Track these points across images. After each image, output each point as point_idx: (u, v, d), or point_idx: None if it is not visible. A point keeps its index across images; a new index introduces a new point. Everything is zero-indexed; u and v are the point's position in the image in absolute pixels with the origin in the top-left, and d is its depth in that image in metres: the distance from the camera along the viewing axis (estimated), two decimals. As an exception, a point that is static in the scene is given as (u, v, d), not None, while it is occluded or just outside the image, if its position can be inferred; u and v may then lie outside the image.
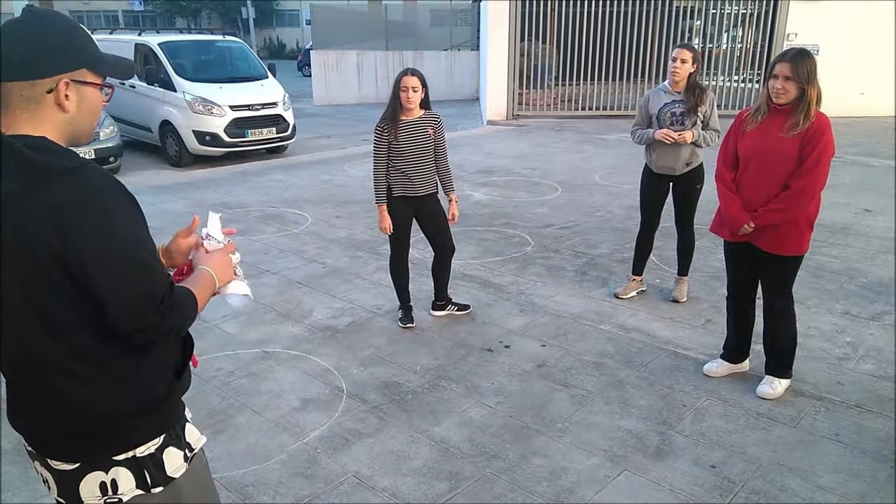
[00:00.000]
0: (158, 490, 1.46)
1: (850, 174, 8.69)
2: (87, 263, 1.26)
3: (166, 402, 1.49)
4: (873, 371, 3.82)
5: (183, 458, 1.51)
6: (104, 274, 1.28)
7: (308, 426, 3.33)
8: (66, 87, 1.33)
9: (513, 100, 14.34)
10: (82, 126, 1.40)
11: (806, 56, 3.18)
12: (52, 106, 1.33)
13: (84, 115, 1.39)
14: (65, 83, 1.33)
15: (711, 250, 5.73)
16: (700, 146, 4.44)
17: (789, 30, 13.55)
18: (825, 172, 3.22)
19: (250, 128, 10.17)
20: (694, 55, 4.33)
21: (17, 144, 1.28)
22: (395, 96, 4.09)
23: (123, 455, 1.42)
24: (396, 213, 4.24)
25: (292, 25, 47.58)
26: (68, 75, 1.33)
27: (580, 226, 6.70)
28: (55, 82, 1.32)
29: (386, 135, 4.12)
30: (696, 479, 2.93)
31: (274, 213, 7.26)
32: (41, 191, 1.25)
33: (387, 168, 4.18)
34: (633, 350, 4.10)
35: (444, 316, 4.59)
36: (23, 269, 1.28)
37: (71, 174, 1.28)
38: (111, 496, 1.43)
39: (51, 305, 1.31)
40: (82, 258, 1.26)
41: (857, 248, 5.92)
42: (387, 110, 4.14)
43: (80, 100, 1.36)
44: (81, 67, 1.36)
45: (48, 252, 1.26)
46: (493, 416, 3.42)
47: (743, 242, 3.48)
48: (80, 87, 1.36)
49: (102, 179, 1.32)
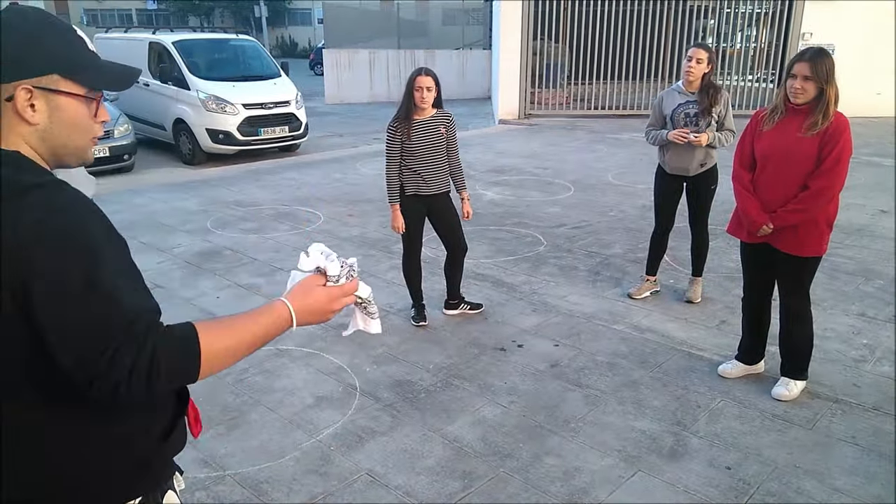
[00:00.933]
0: None
1: (865, 175, 8.60)
2: (35, 293, 1.04)
3: (147, 466, 1.28)
4: (890, 373, 3.78)
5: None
6: (51, 304, 1.05)
7: (322, 424, 3.34)
8: (28, 95, 1.14)
9: (525, 99, 14.31)
10: (61, 142, 1.20)
11: (825, 55, 3.15)
12: (14, 116, 1.15)
13: (60, 128, 1.19)
14: (25, 90, 1.14)
15: (726, 251, 5.69)
16: (715, 147, 4.41)
17: (804, 29, 13.44)
18: (844, 172, 3.19)
19: (263, 126, 10.21)
20: (709, 55, 4.30)
21: None
22: (408, 95, 4.09)
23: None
24: (409, 212, 4.24)
25: (304, 24, 47.71)
26: (30, 82, 1.14)
27: (593, 225, 6.68)
28: (14, 89, 1.14)
29: (399, 133, 4.13)
30: (711, 480, 2.91)
31: (287, 211, 7.28)
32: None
33: (399, 167, 4.19)
34: (647, 350, 4.09)
35: (457, 315, 4.59)
36: None
37: (29, 192, 1.09)
38: None
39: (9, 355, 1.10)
40: (30, 288, 1.04)
41: (874, 249, 5.86)
42: (400, 109, 4.15)
43: (50, 111, 1.17)
44: (50, 73, 1.16)
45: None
46: (506, 416, 3.41)
47: (760, 243, 3.45)
48: (49, 95, 1.17)
49: (66, 197, 1.12)
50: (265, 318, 1.24)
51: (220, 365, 1.18)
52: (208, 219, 6.92)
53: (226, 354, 1.18)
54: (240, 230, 6.56)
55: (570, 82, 15.10)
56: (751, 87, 14.38)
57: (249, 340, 1.22)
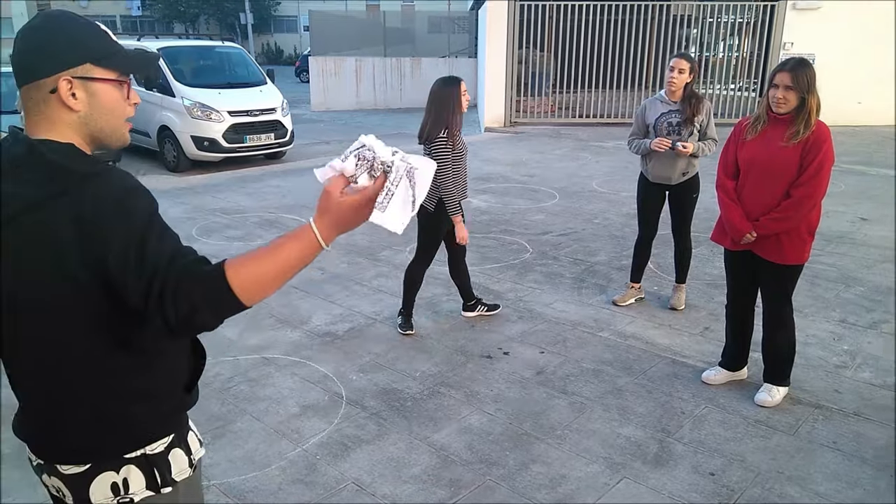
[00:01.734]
0: (167, 490, 1.45)
1: (847, 183, 8.73)
2: (110, 260, 1.23)
3: (177, 409, 1.50)
4: (871, 379, 3.83)
5: (188, 464, 1.51)
6: (120, 263, 1.23)
7: (307, 432, 3.33)
8: (68, 85, 1.30)
9: (510, 107, 14.38)
10: (100, 126, 1.36)
11: (806, 66, 3.20)
12: (60, 106, 1.31)
13: (99, 113, 1.35)
14: (66, 81, 1.29)
15: (709, 258, 5.75)
16: (697, 156, 4.46)
17: (785, 39, 13.63)
18: (826, 181, 3.24)
19: (249, 133, 10.17)
20: (691, 65, 4.35)
21: (42, 149, 1.28)
22: (457, 104, 4.01)
23: (134, 453, 1.41)
24: (445, 223, 4.19)
25: (290, 31, 47.69)
26: (69, 72, 1.29)
27: (578, 233, 6.71)
28: (56, 81, 1.29)
29: (452, 145, 4.03)
30: (696, 486, 2.93)
31: (272, 218, 7.26)
32: (63, 197, 1.24)
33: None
34: (632, 357, 4.11)
35: (475, 316, 4.64)
36: (43, 277, 1.27)
37: (92, 179, 1.27)
38: (123, 496, 1.42)
39: (70, 312, 1.30)
40: (105, 256, 1.23)
41: (855, 256, 5.94)
42: (451, 118, 4.01)
43: (89, 97, 1.32)
44: (83, 63, 1.31)
45: (70, 258, 1.24)
46: (492, 423, 3.42)
47: (743, 251, 3.49)
48: (86, 83, 1.32)
49: (124, 181, 1.31)
50: (296, 242, 1.29)
51: (259, 289, 1.27)
52: (193, 226, 6.88)
53: (261, 278, 1.26)
54: (225, 238, 6.53)
55: (556, 91, 15.20)
56: (733, 96, 14.56)
57: (282, 264, 1.28)
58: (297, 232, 1.30)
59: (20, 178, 1.26)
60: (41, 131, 1.31)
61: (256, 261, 1.26)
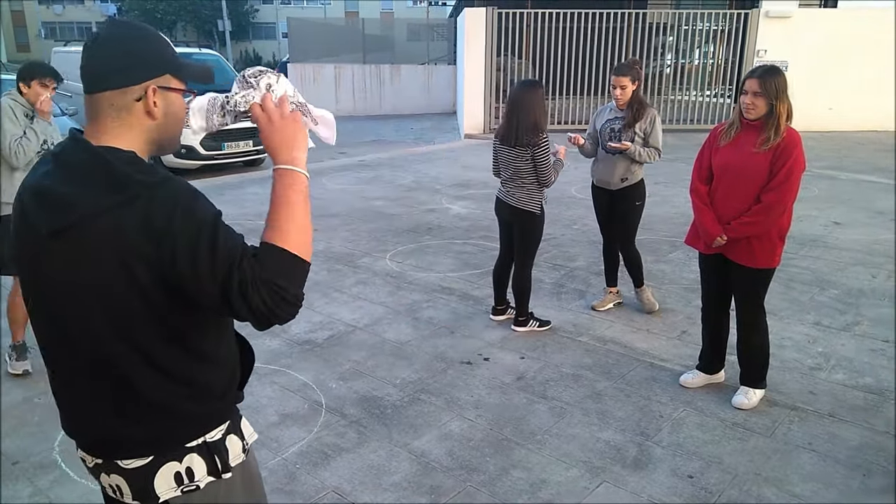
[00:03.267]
0: (227, 476, 1.48)
1: (819, 187, 8.87)
2: (178, 259, 1.27)
3: (231, 399, 1.55)
4: (845, 381, 3.90)
5: (242, 449, 1.54)
6: (191, 262, 1.28)
7: (287, 441, 3.31)
8: (153, 94, 1.36)
9: (490, 114, 14.44)
10: (171, 133, 1.44)
11: (775, 72, 3.26)
12: (142, 114, 1.36)
13: (171, 121, 1.42)
14: (152, 90, 1.35)
15: (685, 262, 5.81)
16: (638, 162, 4.52)
17: (759, 46, 13.86)
18: (795, 187, 3.29)
19: (227, 140, 10.11)
20: (632, 77, 4.45)
21: (108, 157, 1.31)
22: (544, 105, 4.28)
23: (194, 441, 1.44)
24: (543, 227, 4.55)
25: (269, 38, 47.54)
26: (154, 82, 1.36)
27: (557, 238, 6.75)
28: (143, 90, 1.35)
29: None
30: (674, 489, 2.96)
31: (252, 226, 7.20)
32: (130, 204, 1.28)
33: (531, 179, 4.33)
34: (611, 362, 4.14)
35: (525, 332, 4.55)
36: (108, 278, 1.30)
37: (156, 188, 1.30)
38: (188, 485, 1.44)
39: (133, 312, 1.33)
40: (174, 257, 1.26)
41: (828, 259, 6.04)
42: (542, 121, 4.24)
43: (166, 106, 1.39)
44: (165, 73, 1.38)
45: (138, 261, 1.28)
46: (473, 430, 3.42)
47: (717, 255, 3.54)
48: (166, 93, 1.38)
49: (188, 188, 1.35)
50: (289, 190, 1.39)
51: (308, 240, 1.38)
52: (170, 235, 6.80)
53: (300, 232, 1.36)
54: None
55: (534, 97, 15.26)
56: (708, 103, 14.75)
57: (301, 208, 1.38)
58: (282, 181, 1.39)
59: (86, 182, 1.29)
60: (109, 138, 1.35)
61: (287, 222, 1.35)
